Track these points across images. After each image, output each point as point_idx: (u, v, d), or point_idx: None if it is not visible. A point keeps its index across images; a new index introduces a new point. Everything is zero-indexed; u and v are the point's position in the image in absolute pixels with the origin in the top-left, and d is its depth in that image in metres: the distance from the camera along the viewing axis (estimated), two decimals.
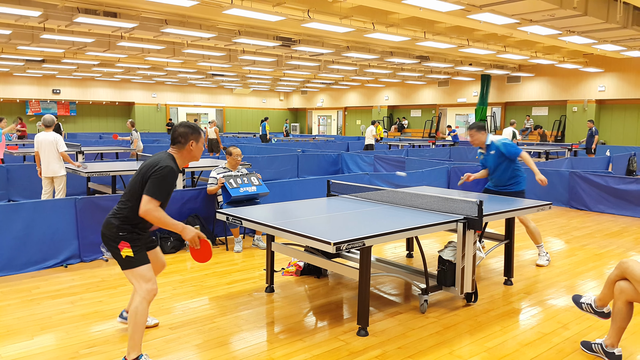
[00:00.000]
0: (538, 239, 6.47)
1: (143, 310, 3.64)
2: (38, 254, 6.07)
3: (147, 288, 3.69)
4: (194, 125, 3.89)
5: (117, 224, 3.73)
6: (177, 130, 3.84)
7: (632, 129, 23.86)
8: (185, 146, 3.84)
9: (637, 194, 9.67)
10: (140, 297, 3.66)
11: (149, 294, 3.68)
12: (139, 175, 3.73)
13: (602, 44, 15.93)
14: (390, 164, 14.10)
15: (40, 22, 13.34)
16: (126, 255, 3.71)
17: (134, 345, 3.64)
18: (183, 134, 3.82)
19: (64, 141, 8.75)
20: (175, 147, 3.85)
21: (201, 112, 40.39)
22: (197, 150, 3.89)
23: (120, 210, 3.76)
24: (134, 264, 3.72)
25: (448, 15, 12.41)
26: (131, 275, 3.74)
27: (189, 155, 3.89)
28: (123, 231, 3.73)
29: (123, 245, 3.71)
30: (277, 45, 17.00)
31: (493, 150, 6.40)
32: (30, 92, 32.28)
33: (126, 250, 3.71)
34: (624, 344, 4.10)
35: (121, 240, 3.72)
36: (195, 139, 3.85)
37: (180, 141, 3.83)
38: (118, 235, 3.72)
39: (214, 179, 7.10)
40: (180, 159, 3.87)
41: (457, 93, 30.77)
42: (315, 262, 4.99)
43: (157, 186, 3.62)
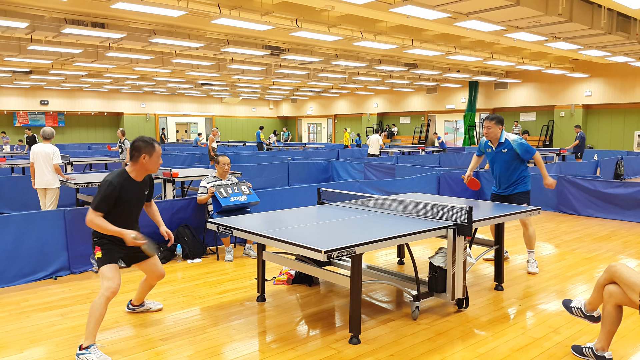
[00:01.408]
0: (533, 244, 6.40)
1: (100, 304, 3.98)
2: (27, 267, 6.02)
3: (107, 285, 4.05)
4: (148, 140, 4.25)
5: (92, 232, 4.24)
6: (133, 145, 4.21)
7: (618, 133, 24.10)
8: (139, 160, 4.21)
9: (625, 197, 9.76)
10: (100, 293, 4.03)
11: (107, 290, 4.03)
12: None
13: (588, 50, 16.11)
14: (380, 171, 14.13)
15: (27, 33, 13.30)
16: (97, 257, 4.19)
17: (88, 334, 3.96)
18: (137, 147, 4.20)
19: None
20: (131, 161, 4.26)
21: (191, 122, 40.35)
22: (150, 163, 4.24)
23: None
24: (101, 262, 4.16)
25: (435, 23, 12.52)
26: (100, 273, 4.16)
27: (143, 168, 4.26)
28: (95, 237, 4.23)
29: (96, 249, 4.19)
30: (266, 54, 17.05)
31: (506, 148, 6.23)
32: (18, 104, 32.12)
33: (97, 253, 4.18)
34: (614, 347, 4.12)
35: (95, 245, 4.21)
36: (148, 152, 4.20)
37: (134, 155, 4.22)
38: (93, 240, 4.24)
39: (204, 189, 7.09)
40: (134, 172, 4.25)
41: (445, 100, 30.96)
42: (306, 270, 4.98)
43: (97, 198, 4.08)
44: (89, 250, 6.47)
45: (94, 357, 3.89)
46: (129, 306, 4.98)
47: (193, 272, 6.48)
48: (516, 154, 6.19)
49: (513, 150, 6.20)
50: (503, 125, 6.31)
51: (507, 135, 6.31)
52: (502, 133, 6.31)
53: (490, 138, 6.34)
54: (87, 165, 15.35)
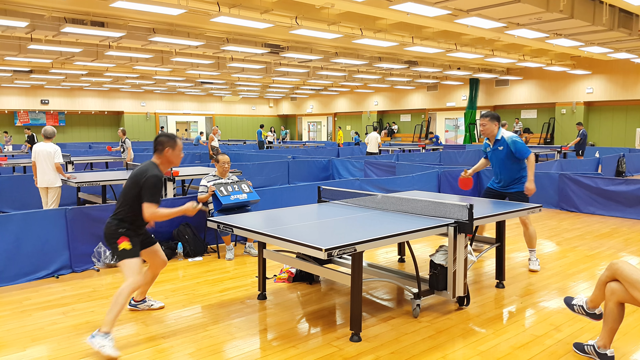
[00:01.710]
0: (534, 243, 6.35)
1: (127, 294, 4.15)
2: (29, 265, 6.02)
3: (137, 279, 4.25)
4: (171, 135, 4.54)
5: (115, 223, 4.33)
6: (157, 140, 4.49)
7: (620, 130, 24.07)
8: (163, 153, 4.46)
9: (627, 195, 9.74)
10: (126, 284, 4.17)
11: (136, 283, 4.23)
12: (131, 182, 4.35)
13: (589, 47, 16.09)
14: (380, 169, 14.12)
15: (27, 32, 13.30)
16: (122, 248, 4.26)
17: (109, 321, 4.09)
18: (161, 142, 4.47)
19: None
20: (155, 154, 4.49)
21: (191, 120, 40.34)
22: (173, 156, 4.50)
23: (118, 213, 4.37)
24: (128, 255, 4.27)
25: (435, 20, 12.49)
26: (123, 266, 4.28)
27: (167, 161, 4.51)
28: (122, 227, 4.33)
29: (122, 239, 4.29)
30: (266, 52, 17.04)
31: (502, 146, 6.21)
32: (19, 103, 32.13)
33: (124, 243, 4.28)
34: (616, 345, 4.12)
35: (120, 235, 4.30)
36: (171, 146, 4.47)
37: (159, 148, 4.47)
38: (118, 231, 4.31)
39: (204, 187, 7.09)
40: (161, 165, 4.49)
41: (446, 97, 30.93)
42: (307, 268, 4.98)
43: (150, 193, 4.25)
44: (91, 248, 6.47)
45: (109, 345, 4.05)
46: (130, 302, 5.00)
47: (194, 270, 6.48)
48: (511, 151, 6.16)
49: (508, 148, 6.17)
50: (499, 122, 6.27)
51: (504, 132, 6.28)
52: (500, 130, 6.28)
53: (487, 135, 6.34)
54: (88, 165, 15.36)
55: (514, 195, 6.29)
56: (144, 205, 4.23)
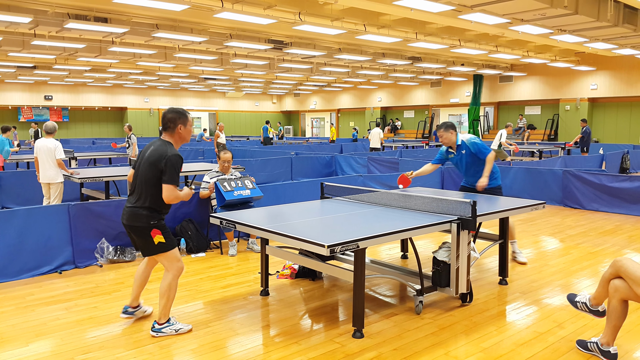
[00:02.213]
0: (513, 234, 6.52)
1: (175, 285, 4.27)
2: (32, 261, 6.03)
3: (180, 266, 4.31)
4: (180, 110, 4.28)
5: (146, 214, 4.17)
6: (166, 117, 4.23)
7: (624, 126, 23.98)
8: (175, 130, 4.24)
9: (631, 191, 9.71)
10: (172, 275, 4.25)
11: (180, 271, 4.30)
12: (149, 165, 4.12)
13: (594, 43, 16.01)
14: (384, 165, 14.11)
15: (30, 28, 13.30)
16: (159, 242, 4.21)
17: (165, 313, 4.28)
18: (171, 119, 4.22)
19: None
20: (167, 133, 4.26)
21: (194, 116, 40.35)
22: (186, 132, 4.30)
23: (144, 200, 4.16)
24: (167, 247, 4.25)
25: (439, 16, 12.45)
26: (164, 258, 4.26)
27: (179, 138, 4.30)
28: (154, 219, 4.19)
29: (155, 232, 4.19)
30: (269, 48, 17.01)
31: (464, 149, 6.35)
32: (23, 99, 32.17)
33: (158, 237, 4.20)
34: (620, 342, 4.10)
35: (153, 228, 4.18)
36: (183, 122, 4.25)
37: (170, 126, 4.23)
38: (150, 224, 4.17)
39: (206, 184, 7.09)
40: (174, 143, 4.27)
41: (449, 93, 30.85)
42: (309, 264, 4.98)
43: (172, 174, 4.09)
44: (93, 244, 6.48)
45: (178, 325, 4.32)
46: (127, 311, 4.67)
47: (197, 266, 6.49)
48: (472, 152, 6.29)
49: (469, 149, 6.29)
50: (454, 129, 6.40)
51: (462, 136, 6.42)
52: (457, 136, 6.40)
53: (448, 144, 6.44)
54: (92, 160, 15.38)
55: (489, 191, 6.37)
56: (164, 186, 4.07)
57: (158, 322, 4.29)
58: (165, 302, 4.24)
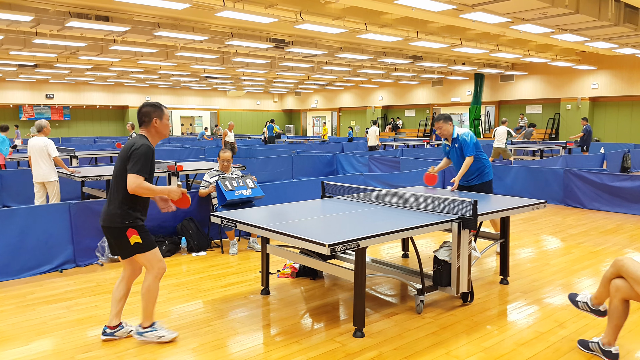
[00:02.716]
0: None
1: (156, 288, 4.08)
2: (33, 260, 6.03)
3: (161, 267, 4.11)
4: (155, 103, 4.15)
5: (120, 213, 3.96)
6: (141, 111, 4.10)
7: (625, 125, 23.95)
8: (150, 124, 4.10)
9: (632, 191, 9.69)
10: (153, 277, 4.06)
11: (161, 272, 4.11)
12: (119, 161, 4.01)
13: (595, 42, 15.99)
14: (385, 164, 14.10)
15: (32, 26, 13.29)
16: (135, 242, 3.99)
17: (148, 316, 4.11)
18: (146, 113, 4.09)
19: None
20: (142, 127, 4.13)
21: (195, 115, 40.35)
22: (162, 126, 4.15)
23: (117, 199, 3.98)
24: (145, 248, 4.03)
25: (440, 15, 12.45)
26: (143, 259, 4.06)
27: (156, 132, 4.15)
28: (128, 219, 3.97)
29: (131, 232, 3.98)
30: (270, 47, 17.00)
31: (457, 143, 6.46)
32: (24, 97, 32.18)
33: (135, 237, 3.99)
34: (621, 342, 4.10)
35: (128, 228, 3.97)
36: (158, 115, 4.11)
37: (145, 120, 4.10)
38: (125, 224, 3.97)
39: (206, 183, 7.09)
40: (150, 137, 4.12)
41: (450, 92, 30.83)
42: (310, 264, 4.97)
43: (138, 163, 3.88)
44: (94, 243, 6.48)
45: (162, 332, 4.14)
46: (105, 332, 4.23)
47: (197, 265, 6.49)
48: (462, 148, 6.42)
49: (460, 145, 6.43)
50: (452, 121, 6.51)
51: (458, 130, 6.52)
52: (454, 129, 6.51)
53: (445, 136, 6.56)
54: (93, 159, 15.38)
55: (479, 187, 6.49)
56: (129, 176, 3.85)
57: (142, 326, 4.16)
58: (146, 304, 4.10)
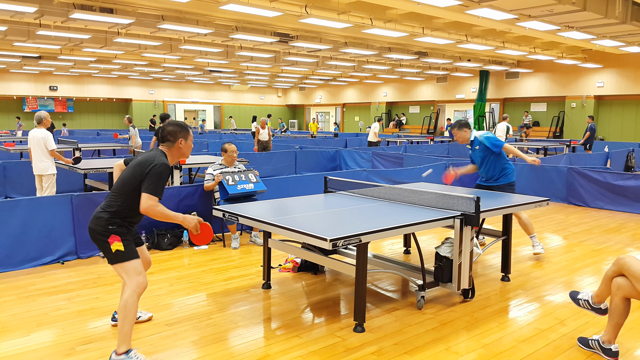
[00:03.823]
0: (530, 229, 6.55)
1: (133, 303, 3.65)
2: (34, 251, 6.05)
3: (140, 281, 3.72)
4: (183, 124, 3.96)
5: (106, 217, 3.73)
6: (166, 129, 3.89)
7: (630, 124, 23.88)
8: (175, 144, 3.90)
9: (635, 189, 9.66)
10: (131, 291, 3.67)
11: (139, 287, 3.71)
12: (131, 171, 3.75)
13: (601, 40, 15.92)
14: (388, 160, 14.08)
15: (35, 18, 13.29)
16: (116, 250, 3.71)
17: (123, 338, 3.63)
18: (172, 132, 3.88)
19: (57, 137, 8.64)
20: (165, 145, 3.90)
21: (199, 109, 40.37)
22: (186, 147, 3.96)
23: (111, 205, 3.76)
24: (125, 257, 3.73)
25: (446, 11, 12.39)
26: (121, 269, 3.74)
27: (179, 153, 3.95)
28: (113, 224, 3.73)
29: (113, 239, 3.71)
30: (275, 41, 16.97)
31: (477, 145, 6.50)
32: (27, 89, 32.23)
33: (117, 244, 3.71)
34: (621, 340, 4.09)
35: (111, 234, 3.71)
36: (184, 136, 3.91)
37: (170, 139, 3.88)
38: (107, 228, 3.71)
39: (210, 176, 7.09)
40: (170, 157, 3.90)
41: (455, 89, 30.76)
42: (312, 258, 4.97)
43: (154, 183, 3.65)
44: None
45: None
46: (114, 317, 4.35)
47: (199, 258, 6.49)
48: (486, 147, 6.39)
49: (483, 145, 6.41)
50: (467, 127, 6.55)
51: (476, 133, 6.56)
52: (471, 133, 6.56)
53: (463, 142, 6.64)
54: (96, 151, 15.40)
55: (501, 188, 6.45)
56: (143, 195, 3.63)
57: (116, 352, 3.64)
58: (121, 323, 3.63)
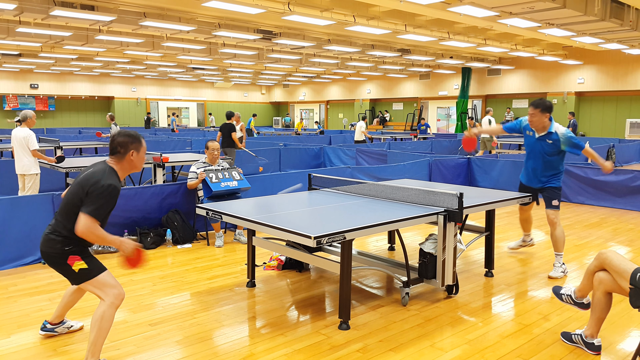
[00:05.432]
0: (561, 246, 5.70)
1: (110, 316, 3.49)
2: (15, 251, 5.97)
3: (115, 293, 3.54)
4: (135, 134, 3.67)
5: (59, 240, 3.49)
6: (116, 140, 3.60)
7: (610, 120, 24.16)
8: (125, 156, 3.61)
9: (616, 185, 9.78)
10: (109, 304, 3.50)
11: (117, 298, 3.54)
12: (77, 187, 3.50)
13: (581, 37, 16.08)
14: (372, 157, 14.10)
15: (15, 15, 13.09)
16: (80, 269, 3.52)
17: (95, 351, 3.45)
18: (122, 143, 3.59)
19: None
20: (114, 158, 3.61)
21: (182, 106, 40.11)
22: (138, 160, 3.67)
23: (60, 231, 3.50)
24: (92, 274, 3.54)
25: (428, 8, 12.42)
26: (92, 287, 3.55)
27: (129, 166, 3.66)
28: (68, 245, 3.50)
29: (73, 259, 3.50)
30: (258, 38, 16.89)
31: (552, 139, 5.53)
32: (8, 87, 31.76)
33: (78, 263, 3.52)
34: (604, 334, 4.13)
35: (69, 255, 3.50)
36: (136, 148, 3.63)
37: (120, 151, 3.59)
38: (64, 250, 3.49)
39: (194, 174, 7.04)
40: (121, 171, 3.64)
41: (438, 86, 30.89)
42: (296, 256, 4.96)
43: (96, 204, 3.39)
44: None
45: None
46: (45, 327, 4.10)
47: (183, 257, 6.45)
48: (560, 148, 5.53)
49: (559, 144, 5.52)
50: (550, 112, 5.54)
51: (557, 126, 5.59)
52: (552, 124, 5.57)
53: (537, 128, 5.59)
54: (78, 150, 15.23)
55: (548, 190, 5.72)
56: (81, 215, 3.34)
57: None
58: (96, 335, 3.42)
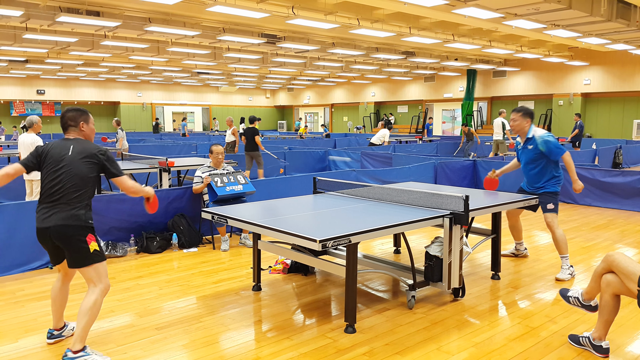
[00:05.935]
0: (563, 248, 5.71)
1: (101, 303, 3.74)
2: (22, 256, 5.98)
3: (108, 283, 3.82)
4: (80, 108, 4.05)
5: (84, 212, 3.75)
6: (66, 116, 3.97)
7: (617, 122, 24.06)
8: (79, 127, 3.97)
9: (623, 186, 9.73)
10: (100, 291, 3.74)
11: (108, 288, 3.82)
12: (86, 161, 3.79)
13: (587, 37, 16.02)
14: (377, 160, 14.09)
15: (22, 21, 13.18)
16: (94, 250, 3.74)
17: (84, 336, 3.66)
18: (72, 117, 3.96)
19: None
20: (70, 132, 3.97)
21: (187, 111, 40.21)
22: (89, 130, 4.03)
23: (81, 200, 3.75)
24: (101, 258, 3.79)
25: (433, 10, 12.41)
26: (94, 271, 3.75)
27: (83, 136, 4.00)
28: (91, 219, 3.80)
29: (91, 238, 3.74)
30: (262, 42, 16.92)
31: (531, 144, 5.74)
32: (15, 93, 31.96)
33: (94, 244, 3.74)
34: (611, 336, 4.11)
35: (89, 232, 3.74)
36: (85, 119, 4.00)
37: (71, 124, 3.96)
38: (88, 223, 3.75)
39: (199, 178, 7.05)
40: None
41: (443, 88, 30.86)
42: (302, 259, 4.95)
43: (118, 165, 3.91)
44: None
45: (94, 357, 3.65)
46: (53, 335, 4.13)
47: (189, 261, 6.45)
48: (541, 152, 5.66)
49: (537, 148, 5.67)
50: (531, 118, 5.80)
51: (536, 131, 5.77)
52: (531, 128, 5.79)
53: (517, 131, 5.86)
54: None
55: (542, 196, 5.75)
56: (122, 179, 3.87)
57: (72, 350, 3.61)
58: (85, 322, 3.62)
